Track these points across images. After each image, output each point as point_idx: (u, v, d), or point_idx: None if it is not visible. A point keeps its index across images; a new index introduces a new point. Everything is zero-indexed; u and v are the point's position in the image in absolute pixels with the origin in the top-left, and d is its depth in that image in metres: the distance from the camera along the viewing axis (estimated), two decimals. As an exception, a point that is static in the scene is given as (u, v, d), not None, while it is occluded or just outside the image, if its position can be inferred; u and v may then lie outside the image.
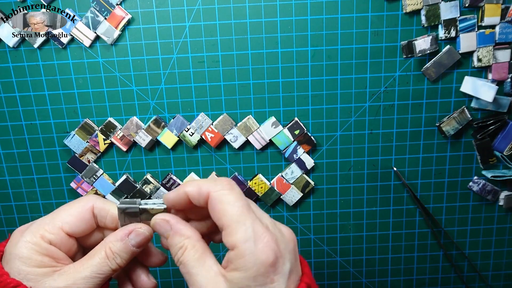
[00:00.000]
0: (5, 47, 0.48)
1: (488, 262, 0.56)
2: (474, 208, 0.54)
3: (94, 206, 0.30)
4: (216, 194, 0.26)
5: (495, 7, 0.47)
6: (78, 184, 0.52)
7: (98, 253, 0.29)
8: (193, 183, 0.27)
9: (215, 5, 0.47)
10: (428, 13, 0.47)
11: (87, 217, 0.30)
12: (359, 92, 0.50)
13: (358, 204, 0.54)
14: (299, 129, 0.50)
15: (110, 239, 0.29)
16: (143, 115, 0.51)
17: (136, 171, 0.52)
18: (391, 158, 0.53)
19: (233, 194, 0.26)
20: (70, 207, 0.30)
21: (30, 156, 0.52)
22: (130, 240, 0.29)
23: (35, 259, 0.27)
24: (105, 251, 0.28)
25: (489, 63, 0.48)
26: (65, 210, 0.30)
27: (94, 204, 0.30)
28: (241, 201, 0.26)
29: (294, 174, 0.52)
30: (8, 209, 0.54)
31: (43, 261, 0.28)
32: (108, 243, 0.29)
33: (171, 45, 0.48)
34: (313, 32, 0.48)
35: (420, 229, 0.55)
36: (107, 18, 0.47)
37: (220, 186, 0.27)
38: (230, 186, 0.27)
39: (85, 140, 0.50)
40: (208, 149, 0.52)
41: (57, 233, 0.29)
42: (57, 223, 0.29)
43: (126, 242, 0.29)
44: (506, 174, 0.51)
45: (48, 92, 0.50)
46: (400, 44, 0.49)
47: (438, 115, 0.51)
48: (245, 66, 0.49)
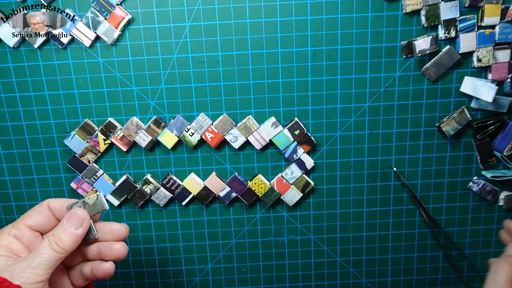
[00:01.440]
0: (5, 47, 0.48)
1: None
2: (474, 208, 0.54)
3: (49, 202, 0.37)
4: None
5: (495, 7, 0.47)
6: (78, 185, 0.52)
7: (43, 241, 0.34)
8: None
9: (215, 5, 0.47)
10: (428, 13, 0.47)
11: (44, 210, 0.37)
12: (359, 92, 0.50)
13: (358, 204, 0.54)
14: (299, 129, 0.50)
15: (56, 228, 0.35)
16: (143, 115, 0.51)
17: (136, 171, 0.52)
18: (391, 158, 0.53)
19: None
20: (32, 208, 0.37)
21: (30, 156, 0.52)
22: (67, 222, 0.35)
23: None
24: (48, 238, 0.34)
25: (489, 63, 0.48)
26: (28, 211, 0.37)
27: (49, 201, 0.37)
28: None
29: (294, 174, 0.52)
30: (8, 209, 0.54)
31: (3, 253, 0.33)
32: (52, 231, 0.35)
33: (171, 45, 0.48)
34: (313, 32, 0.48)
35: (420, 229, 0.55)
36: (107, 18, 0.47)
37: None
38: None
39: (85, 140, 0.50)
40: (208, 149, 0.52)
41: (20, 227, 0.35)
42: (20, 220, 0.36)
43: (64, 225, 0.35)
44: (506, 174, 0.51)
45: (48, 92, 0.50)
46: (400, 44, 0.49)
47: (438, 115, 0.51)
48: (245, 66, 0.49)
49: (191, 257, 0.56)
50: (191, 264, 0.56)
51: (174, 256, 0.56)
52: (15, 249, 0.34)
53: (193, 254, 0.56)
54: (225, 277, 0.57)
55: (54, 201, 0.37)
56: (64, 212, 0.37)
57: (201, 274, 0.57)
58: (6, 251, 0.34)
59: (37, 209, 0.37)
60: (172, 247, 0.55)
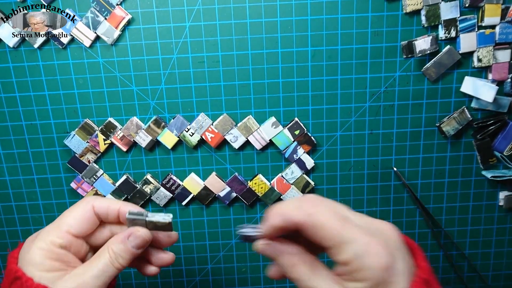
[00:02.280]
0: (5, 47, 0.48)
1: (488, 262, 0.56)
2: (474, 208, 0.54)
3: (94, 205, 0.33)
4: (308, 223, 0.26)
5: (495, 7, 0.47)
6: (78, 185, 0.52)
7: (102, 255, 0.31)
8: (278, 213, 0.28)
9: (215, 5, 0.47)
10: (428, 13, 0.47)
11: (90, 216, 0.33)
12: (359, 92, 0.50)
13: (358, 204, 0.54)
14: (299, 129, 0.50)
15: (113, 241, 0.32)
16: (143, 115, 0.51)
17: (136, 171, 0.52)
18: (391, 158, 0.53)
19: (323, 214, 0.26)
20: (72, 211, 0.33)
21: (30, 156, 0.52)
22: (130, 242, 0.32)
23: (47, 264, 0.30)
24: (108, 253, 0.31)
25: (489, 63, 0.48)
26: (68, 215, 0.33)
27: (93, 203, 0.33)
28: (334, 219, 0.26)
29: (294, 174, 0.52)
30: (8, 209, 0.54)
31: (55, 265, 0.30)
32: (111, 245, 0.32)
33: (171, 45, 0.48)
34: (313, 32, 0.48)
35: (420, 229, 0.55)
36: (107, 18, 0.47)
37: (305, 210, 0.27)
38: (315, 205, 0.27)
39: (85, 140, 0.50)
40: (208, 149, 0.52)
41: (65, 236, 0.31)
42: (64, 227, 0.32)
43: (126, 244, 0.32)
44: (506, 174, 0.51)
45: (48, 92, 0.50)
46: (400, 44, 0.49)
47: (438, 115, 0.51)
48: (245, 66, 0.49)
49: (191, 257, 0.56)
50: (191, 264, 0.56)
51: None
52: (67, 260, 0.31)
53: (193, 254, 0.56)
54: (225, 277, 0.57)
55: (99, 203, 0.33)
56: (111, 216, 0.33)
57: (201, 274, 0.56)
58: (60, 264, 0.30)
59: (81, 213, 0.32)
60: (172, 247, 0.55)
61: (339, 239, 0.25)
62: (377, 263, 0.24)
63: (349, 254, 0.25)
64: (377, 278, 0.24)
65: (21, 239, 0.55)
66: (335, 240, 0.25)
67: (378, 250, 0.25)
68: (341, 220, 0.26)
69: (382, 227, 0.27)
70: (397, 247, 0.26)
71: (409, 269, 0.26)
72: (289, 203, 0.28)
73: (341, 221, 0.26)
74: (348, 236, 0.25)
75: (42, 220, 0.54)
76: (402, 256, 0.26)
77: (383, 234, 0.27)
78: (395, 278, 0.25)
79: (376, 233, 0.26)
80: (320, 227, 0.26)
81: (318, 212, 0.26)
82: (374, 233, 0.26)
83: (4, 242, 0.55)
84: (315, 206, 0.27)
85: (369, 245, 0.25)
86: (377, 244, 0.25)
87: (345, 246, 0.25)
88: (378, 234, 0.26)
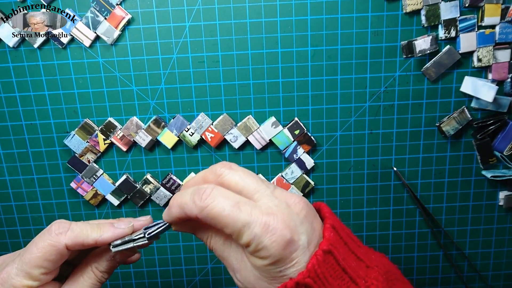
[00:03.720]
0: (5, 47, 0.48)
1: (488, 262, 0.56)
2: (474, 208, 0.54)
3: (67, 245, 0.30)
4: (204, 217, 0.26)
5: (495, 7, 0.47)
6: (78, 184, 0.52)
7: (85, 275, 0.32)
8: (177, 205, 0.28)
9: (215, 5, 0.47)
10: (428, 13, 0.47)
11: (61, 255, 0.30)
12: (359, 92, 0.50)
13: (358, 204, 0.54)
14: (299, 129, 0.50)
15: (96, 260, 0.32)
16: (143, 115, 0.51)
17: (136, 171, 0.52)
18: (391, 158, 0.53)
19: (216, 204, 0.26)
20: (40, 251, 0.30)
21: (30, 156, 0.52)
22: (116, 258, 0.32)
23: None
24: (92, 272, 0.32)
25: (489, 63, 0.48)
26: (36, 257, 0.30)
27: (66, 242, 0.30)
28: (228, 206, 0.26)
29: (294, 174, 0.52)
30: (8, 209, 0.54)
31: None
32: (94, 263, 0.32)
33: (171, 45, 0.48)
34: (313, 32, 0.48)
35: (420, 229, 0.55)
36: (107, 18, 0.47)
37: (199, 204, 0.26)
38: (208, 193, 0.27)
39: (85, 140, 0.50)
40: (208, 149, 0.52)
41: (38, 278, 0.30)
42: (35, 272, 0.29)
43: (112, 261, 0.32)
44: (506, 174, 0.51)
45: (48, 92, 0.50)
46: (400, 44, 0.49)
47: (438, 115, 0.51)
48: (245, 66, 0.49)
49: (191, 257, 0.56)
50: (191, 264, 0.56)
51: (174, 256, 0.56)
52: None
53: (193, 254, 0.56)
54: (225, 277, 0.57)
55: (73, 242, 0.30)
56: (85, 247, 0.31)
57: (201, 274, 0.56)
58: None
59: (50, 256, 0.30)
60: (172, 246, 0.55)
61: (236, 225, 0.25)
62: (274, 241, 0.25)
63: (249, 237, 0.25)
64: (276, 255, 0.25)
65: (21, 239, 0.55)
66: (233, 227, 0.25)
67: (276, 228, 0.25)
68: (235, 206, 0.26)
69: (290, 202, 0.27)
70: (301, 221, 0.26)
71: (316, 242, 0.26)
72: (186, 194, 0.28)
73: (235, 207, 0.26)
74: (245, 219, 0.25)
75: (42, 220, 0.54)
76: (306, 229, 0.26)
77: (288, 210, 0.26)
78: (296, 253, 0.25)
79: (280, 208, 0.26)
80: (215, 219, 0.26)
81: (212, 203, 0.26)
82: (278, 210, 0.26)
83: (4, 242, 0.55)
84: (209, 195, 0.26)
85: (266, 224, 0.25)
86: (277, 222, 0.25)
87: (243, 230, 0.25)
88: (281, 211, 0.26)
